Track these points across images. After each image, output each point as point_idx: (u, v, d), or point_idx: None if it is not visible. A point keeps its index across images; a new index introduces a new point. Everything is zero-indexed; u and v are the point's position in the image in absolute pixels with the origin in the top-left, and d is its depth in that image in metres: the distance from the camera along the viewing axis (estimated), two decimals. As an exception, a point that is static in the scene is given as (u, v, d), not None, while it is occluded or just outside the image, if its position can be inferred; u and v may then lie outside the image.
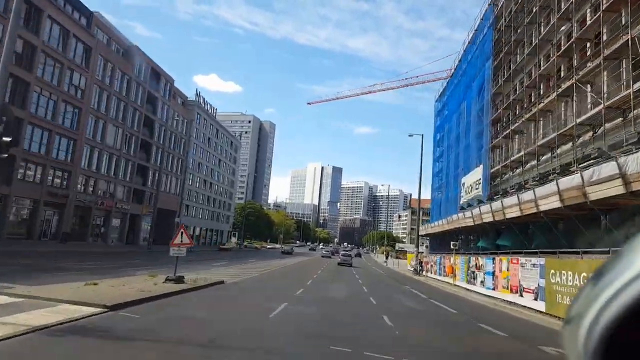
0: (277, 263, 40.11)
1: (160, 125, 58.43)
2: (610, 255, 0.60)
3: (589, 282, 0.61)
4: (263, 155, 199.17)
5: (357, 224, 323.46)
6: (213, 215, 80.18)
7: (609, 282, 0.56)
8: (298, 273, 30.37)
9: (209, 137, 75.82)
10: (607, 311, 0.55)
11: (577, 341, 0.59)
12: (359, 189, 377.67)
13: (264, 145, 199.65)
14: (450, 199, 42.62)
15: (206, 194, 75.83)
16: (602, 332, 0.56)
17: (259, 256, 53.11)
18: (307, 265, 41.97)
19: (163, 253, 25.04)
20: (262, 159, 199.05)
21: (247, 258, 46.21)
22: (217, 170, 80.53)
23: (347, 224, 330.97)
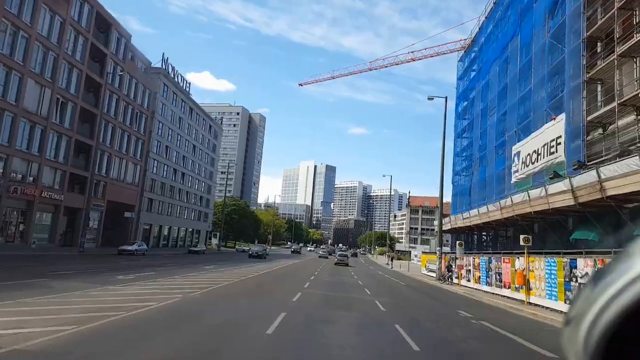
0: (238, 272, 28.29)
1: (112, 93, 46.18)
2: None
3: (589, 283, 0.61)
4: (252, 151, 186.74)
5: (351, 224, 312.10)
6: (187, 212, 67.86)
7: (609, 284, 0.56)
8: (252, 300, 18.47)
9: (180, 117, 63.57)
10: (607, 312, 0.55)
11: (577, 342, 0.59)
12: (352, 189, 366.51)
13: (253, 140, 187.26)
14: (491, 178, 31.10)
15: (176, 186, 63.54)
16: (602, 333, 0.56)
17: (230, 261, 40.94)
18: (282, 280, 23.07)
19: (98, 257, 21.89)
20: (252, 154, 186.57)
21: (211, 262, 34.24)
22: (191, 159, 68.24)
23: (341, 225, 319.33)
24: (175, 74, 61.52)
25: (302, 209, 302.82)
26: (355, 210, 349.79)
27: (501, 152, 29.55)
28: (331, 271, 36.61)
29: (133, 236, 51.72)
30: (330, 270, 38.37)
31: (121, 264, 26.54)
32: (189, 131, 66.99)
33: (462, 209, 39.88)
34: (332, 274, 33.10)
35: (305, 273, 28.59)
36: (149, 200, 56.05)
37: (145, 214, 54.75)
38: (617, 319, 0.55)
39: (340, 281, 24.63)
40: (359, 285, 23.78)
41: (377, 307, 14.44)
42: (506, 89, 27.95)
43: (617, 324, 0.55)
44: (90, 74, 42.29)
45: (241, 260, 39.68)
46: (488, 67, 33.06)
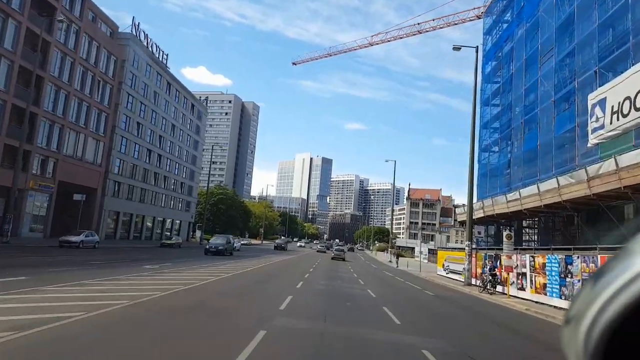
0: (175, 280, 20.78)
1: (64, 54, 38.28)
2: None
3: (589, 282, 0.60)
4: (245, 140, 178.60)
5: (347, 219, 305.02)
6: (165, 199, 60.08)
7: (609, 283, 0.56)
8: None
9: (156, 92, 55.60)
10: (607, 311, 0.55)
11: (577, 341, 0.59)
12: (349, 183, 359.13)
13: (247, 129, 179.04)
14: (547, 146, 23.66)
15: (151, 169, 55.70)
16: (602, 332, 0.55)
17: (192, 258, 33.22)
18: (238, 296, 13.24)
19: (22, 250, 18.90)
20: (245, 144, 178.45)
21: (166, 259, 26.64)
22: (169, 139, 60.34)
23: (337, 219, 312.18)
24: (149, 43, 53.51)
25: (298, 202, 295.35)
26: (351, 205, 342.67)
27: (566, 108, 22.20)
28: (327, 272, 29.12)
29: (96, 225, 44.08)
30: (325, 269, 30.92)
31: (29, 260, 18.94)
32: (167, 108, 59.04)
33: (493, 192, 32.51)
34: (330, 276, 25.59)
35: (286, 278, 21.04)
36: (115, 183, 48.25)
37: (111, 200, 46.99)
38: (617, 317, 0.54)
39: (341, 293, 17.03)
40: (371, 298, 16.19)
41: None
42: (572, 18, 20.49)
43: (618, 323, 0.54)
44: (32, 27, 34.29)
45: (206, 258, 31.44)
46: (533, 4, 25.52)
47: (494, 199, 29.38)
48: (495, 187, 33.07)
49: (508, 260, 21.14)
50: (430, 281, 28.42)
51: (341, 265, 38.01)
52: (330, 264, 39.73)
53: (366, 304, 13.78)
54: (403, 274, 33.97)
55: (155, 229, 57.53)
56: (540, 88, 24.99)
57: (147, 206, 55.21)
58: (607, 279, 0.57)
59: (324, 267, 32.75)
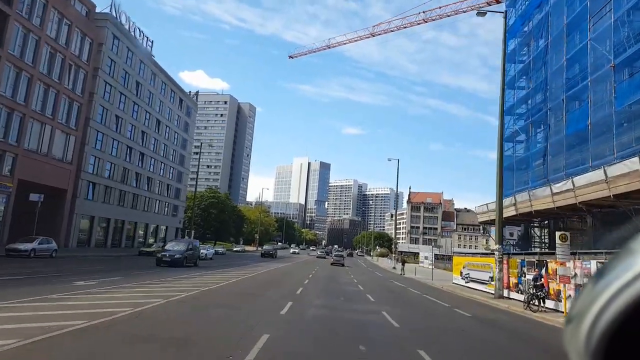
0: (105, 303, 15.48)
1: (27, 30, 33.23)
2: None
3: (590, 281, 0.60)
4: (241, 143, 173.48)
5: (346, 224, 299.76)
6: (148, 203, 54.83)
7: (610, 282, 0.56)
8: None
9: (139, 82, 50.56)
10: (608, 311, 0.55)
11: (579, 340, 0.59)
12: (347, 187, 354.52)
13: (242, 131, 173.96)
14: (600, 126, 18.74)
15: (131, 168, 50.49)
16: (603, 331, 0.56)
17: (145, 270, 27.95)
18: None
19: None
20: (240, 147, 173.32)
21: (117, 271, 21.46)
22: (153, 136, 55.20)
23: (335, 225, 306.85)
24: (132, 27, 48.54)
25: (296, 207, 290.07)
26: (350, 210, 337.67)
27: (632, 73, 17.36)
28: (326, 284, 24.03)
29: (65, 231, 38.89)
30: (324, 280, 25.79)
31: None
32: (152, 102, 53.96)
33: (521, 187, 27.49)
34: (329, 290, 20.49)
35: (269, 299, 15.78)
36: (90, 184, 43.03)
37: (84, 203, 41.76)
38: (619, 316, 0.54)
39: (347, 321, 11.82)
40: (392, 328, 11.00)
41: None
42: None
43: (619, 322, 0.54)
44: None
45: (159, 270, 25.03)
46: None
47: (532, 193, 24.30)
48: (523, 181, 28.09)
49: (561, 268, 15.96)
50: (451, 293, 23.26)
51: (342, 274, 32.97)
52: (330, 272, 34.69)
53: (391, 346, 8.60)
54: (415, 283, 28.81)
55: (137, 235, 52.18)
56: (591, 54, 20.13)
57: (128, 210, 49.92)
58: (608, 278, 0.56)
59: (322, 277, 27.62)
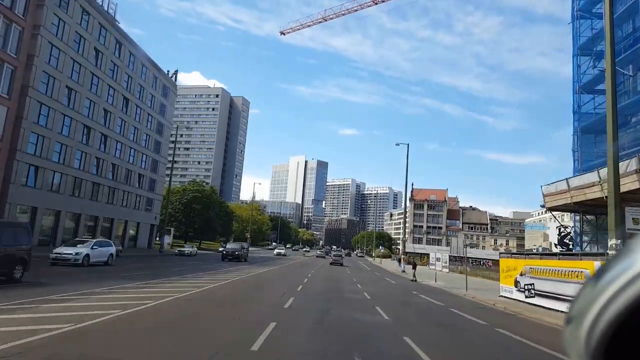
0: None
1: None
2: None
3: (590, 281, 0.60)
4: (234, 139, 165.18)
5: (343, 224, 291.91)
6: (113, 195, 46.64)
7: (610, 282, 0.55)
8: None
9: (98, 50, 42.38)
10: (608, 311, 0.55)
11: (578, 340, 0.58)
12: (345, 187, 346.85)
13: (235, 126, 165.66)
14: None
15: (91, 152, 42.33)
16: (603, 332, 0.55)
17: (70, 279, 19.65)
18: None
19: None
20: (233, 143, 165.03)
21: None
22: (120, 117, 47.02)
23: (333, 225, 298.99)
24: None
25: (292, 207, 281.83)
26: (348, 210, 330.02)
27: None
28: (325, 300, 16.05)
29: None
30: (322, 291, 17.82)
31: None
32: (116, 75, 45.77)
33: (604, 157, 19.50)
34: (329, 327, 12.40)
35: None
36: (30, 168, 34.84)
37: (22, 190, 33.57)
38: (618, 316, 0.54)
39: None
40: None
41: None
42: None
43: (619, 322, 0.54)
44: None
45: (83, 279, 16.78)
46: None
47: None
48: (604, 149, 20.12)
49: None
50: (518, 316, 15.11)
51: (345, 280, 25.29)
52: (330, 277, 26.77)
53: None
54: (450, 298, 20.65)
55: (98, 232, 43.94)
56: None
57: (86, 202, 41.72)
58: (608, 277, 0.56)
59: (319, 286, 19.64)
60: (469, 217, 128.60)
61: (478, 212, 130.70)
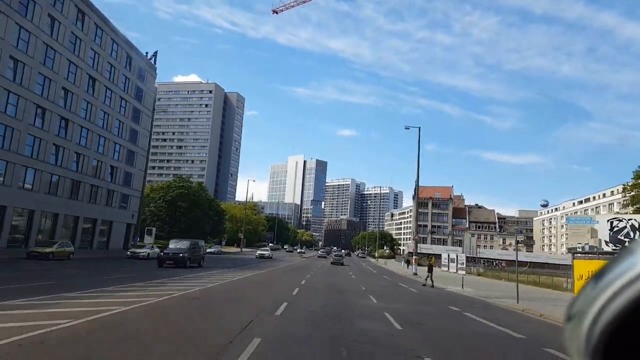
0: None
1: None
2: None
3: (591, 281, 0.60)
4: (229, 136, 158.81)
5: (343, 225, 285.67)
6: (78, 189, 40.31)
7: (611, 282, 0.56)
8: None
9: (54, 17, 36.04)
10: (608, 310, 0.55)
11: (579, 338, 0.59)
12: (345, 187, 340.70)
13: (230, 123, 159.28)
14: None
15: (47, 138, 35.97)
16: (603, 331, 0.55)
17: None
18: None
19: None
20: (228, 140, 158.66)
21: None
22: (85, 99, 40.70)
23: (332, 226, 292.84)
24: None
25: (290, 208, 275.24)
26: (347, 210, 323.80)
27: None
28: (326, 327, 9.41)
29: None
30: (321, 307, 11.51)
31: None
32: (79, 50, 39.47)
33: None
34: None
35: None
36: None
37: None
38: (619, 316, 0.54)
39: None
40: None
41: None
42: None
43: (619, 321, 0.54)
44: None
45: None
46: None
47: None
48: None
49: None
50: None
51: (352, 289, 19.23)
52: (330, 285, 20.55)
53: None
54: (504, 314, 14.22)
55: (59, 230, 37.53)
56: None
57: (42, 197, 35.34)
58: (609, 277, 0.56)
59: (313, 303, 13.33)
60: (476, 215, 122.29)
61: (485, 211, 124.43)
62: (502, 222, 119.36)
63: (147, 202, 62.95)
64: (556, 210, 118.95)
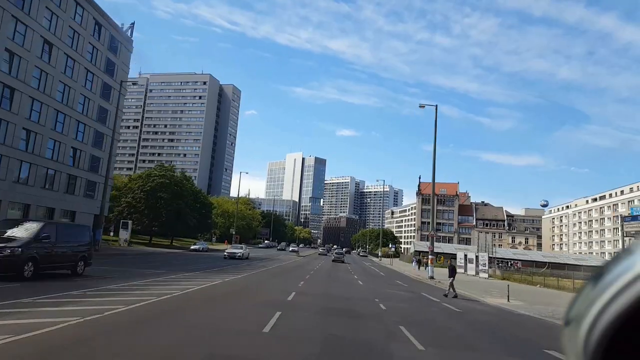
0: None
1: None
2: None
3: (589, 283, 0.59)
4: (223, 130, 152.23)
5: (342, 223, 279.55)
6: (27, 173, 33.87)
7: (609, 284, 0.55)
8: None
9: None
10: (607, 313, 0.54)
11: (577, 342, 0.57)
12: (344, 185, 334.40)
13: (225, 117, 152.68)
14: None
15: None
16: (602, 334, 0.54)
17: None
18: None
19: None
20: (223, 134, 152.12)
21: None
22: (36, 64, 34.23)
23: (331, 223, 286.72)
24: None
25: (289, 205, 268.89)
26: (347, 208, 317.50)
27: None
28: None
29: None
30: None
31: None
32: (31, 8, 32.99)
33: None
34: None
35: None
36: None
37: None
38: (618, 318, 0.52)
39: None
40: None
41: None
42: None
43: (618, 324, 0.53)
44: None
45: None
46: None
47: None
48: None
49: None
50: None
51: (366, 312, 12.32)
52: (334, 298, 14.02)
53: None
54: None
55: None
56: None
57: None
58: (607, 279, 0.55)
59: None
60: (483, 212, 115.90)
61: (493, 208, 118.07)
62: (510, 220, 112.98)
63: (125, 192, 56.59)
64: (567, 208, 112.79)
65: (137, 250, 40.00)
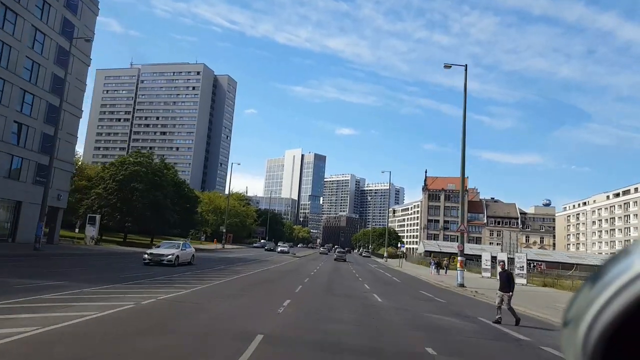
0: None
1: None
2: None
3: (587, 283, 0.58)
4: (218, 123, 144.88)
5: (342, 222, 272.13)
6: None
7: (607, 284, 0.54)
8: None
9: None
10: (605, 313, 0.53)
11: (576, 343, 0.57)
12: (344, 183, 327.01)
13: (220, 109, 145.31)
14: None
15: None
16: (601, 334, 0.54)
17: None
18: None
19: None
20: (218, 127, 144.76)
21: None
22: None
23: (331, 222, 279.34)
24: None
25: (287, 203, 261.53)
26: (347, 207, 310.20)
27: None
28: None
29: None
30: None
31: None
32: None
33: None
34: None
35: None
36: None
37: None
38: (616, 319, 0.52)
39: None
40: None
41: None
42: None
43: (617, 325, 0.52)
44: None
45: None
46: None
47: None
48: None
49: None
50: None
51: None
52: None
53: None
54: None
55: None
56: None
57: None
58: (606, 280, 0.55)
59: None
60: (494, 210, 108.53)
61: (504, 205, 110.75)
62: (523, 218, 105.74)
63: (96, 183, 49.30)
64: (584, 204, 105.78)
65: (98, 250, 32.72)
